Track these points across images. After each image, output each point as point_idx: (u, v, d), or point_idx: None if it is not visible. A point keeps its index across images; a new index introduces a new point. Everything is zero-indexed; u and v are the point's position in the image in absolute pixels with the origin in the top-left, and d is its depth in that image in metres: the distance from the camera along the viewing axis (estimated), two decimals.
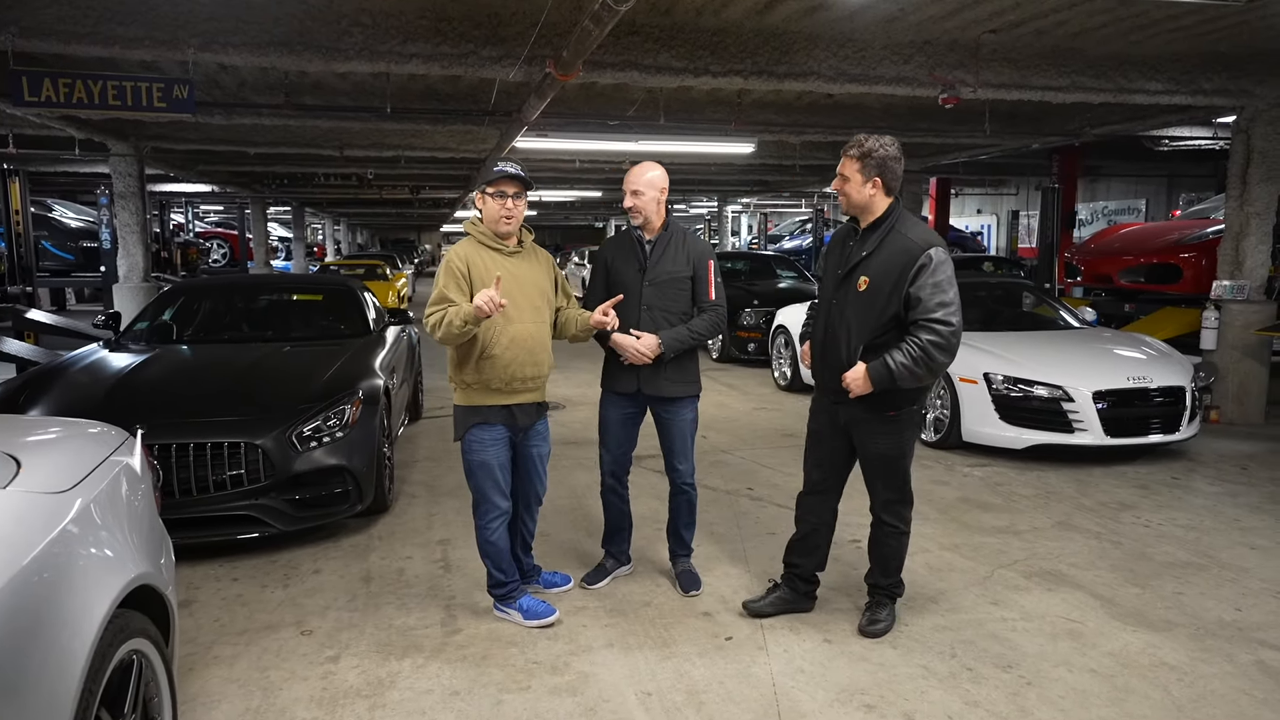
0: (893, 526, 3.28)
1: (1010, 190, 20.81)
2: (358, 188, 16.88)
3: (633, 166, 3.55)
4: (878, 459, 3.21)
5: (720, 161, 13.41)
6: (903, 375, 2.96)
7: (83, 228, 12.20)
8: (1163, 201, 18.28)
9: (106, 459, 2.18)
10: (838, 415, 3.26)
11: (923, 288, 2.97)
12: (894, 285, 3.02)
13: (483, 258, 3.27)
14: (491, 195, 3.26)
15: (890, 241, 3.07)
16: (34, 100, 5.39)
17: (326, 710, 2.79)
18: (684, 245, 3.56)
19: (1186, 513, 4.84)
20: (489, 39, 5.69)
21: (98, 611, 1.73)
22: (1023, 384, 5.83)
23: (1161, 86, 6.80)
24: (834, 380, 3.16)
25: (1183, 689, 2.93)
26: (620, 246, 3.61)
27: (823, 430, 3.36)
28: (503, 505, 3.36)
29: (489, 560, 3.41)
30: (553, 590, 3.70)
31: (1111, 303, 9.58)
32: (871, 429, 3.18)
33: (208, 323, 5.98)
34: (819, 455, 3.38)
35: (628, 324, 3.47)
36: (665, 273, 3.50)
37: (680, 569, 3.81)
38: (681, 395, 3.57)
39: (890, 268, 3.03)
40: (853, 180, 3.11)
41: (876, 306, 3.06)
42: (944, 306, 2.96)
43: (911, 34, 6.27)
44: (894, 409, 3.13)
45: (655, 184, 3.50)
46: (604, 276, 3.62)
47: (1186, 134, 10.37)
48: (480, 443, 3.30)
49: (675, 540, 3.83)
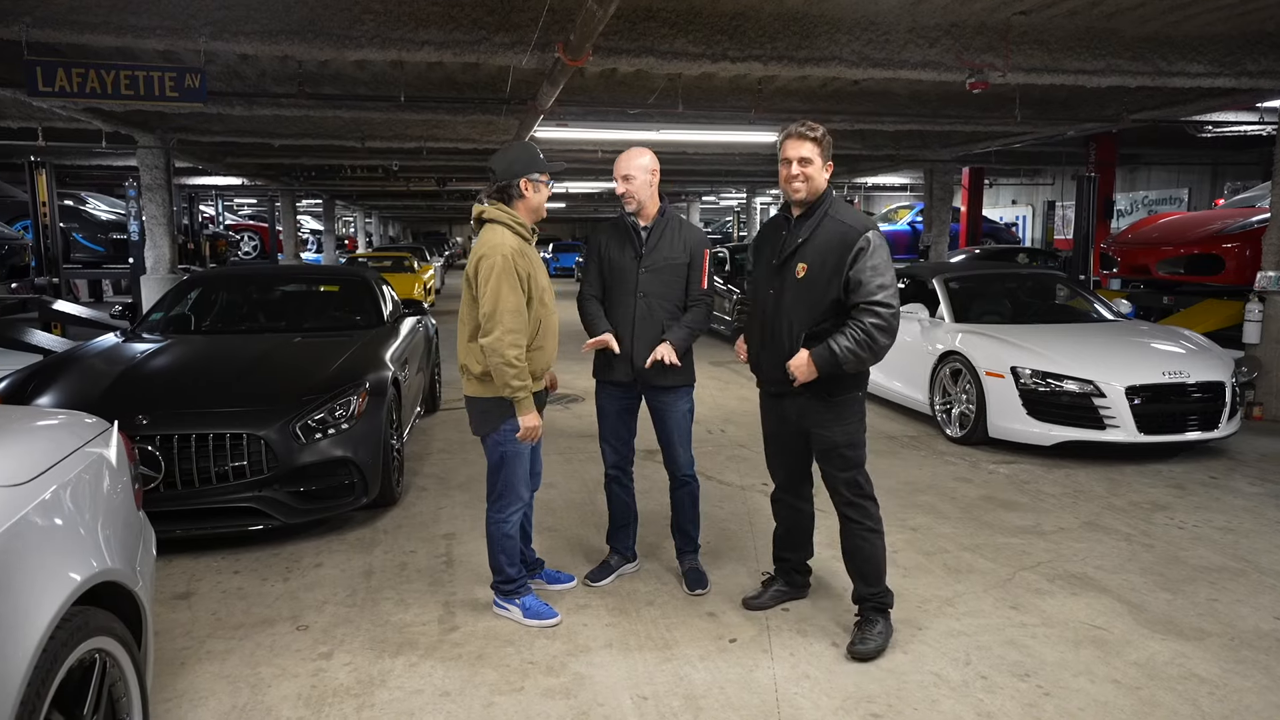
0: (859, 523, 3.15)
1: (1046, 180, 20.31)
2: (384, 180, 16.94)
3: (621, 154, 3.46)
4: (831, 451, 3.13)
5: (745, 151, 13.21)
6: (847, 359, 2.93)
7: (113, 220, 12.37)
8: (1206, 190, 17.69)
9: (77, 450, 2.12)
10: (785, 408, 3.21)
11: (862, 270, 2.95)
12: (833, 270, 3.00)
13: (528, 252, 3.18)
14: (548, 184, 3.23)
15: (825, 227, 3.05)
16: (48, 90, 5.41)
17: (313, 709, 2.72)
18: (680, 232, 3.49)
19: (1224, 514, 4.61)
20: (501, 25, 5.60)
21: (48, 608, 1.66)
22: (1052, 378, 5.61)
23: (1203, 69, 6.51)
24: (777, 370, 3.11)
25: (1214, 703, 2.76)
26: (615, 233, 3.53)
27: (775, 427, 3.33)
28: (526, 496, 3.35)
29: (504, 555, 3.32)
30: (555, 588, 3.60)
31: (1149, 295, 9.26)
32: (820, 418, 3.11)
33: (222, 313, 5.98)
34: (778, 453, 3.37)
35: (623, 309, 3.44)
36: (663, 259, 3.43)
37: (686, 566, 3.70)
38: (678, 384, 3.51)
39: (828, 253, 3.01)
40: (815, 163, 3.04)
41: (816, 292, 3.03)
42: (884, 289, 2.94)
43: (938, 16, 6.06)
44: (838, 395, 3.07)
45: (646, 168, 3.42)
46: (598, 264, 3.54)
47: (1231, 119, 9.98)
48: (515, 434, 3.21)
49: (681, 537, 3.72)
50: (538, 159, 3.20)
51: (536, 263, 3.21)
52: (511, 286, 3.04)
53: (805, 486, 3.39)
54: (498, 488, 3.28)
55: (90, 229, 12.14)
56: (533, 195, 3.19)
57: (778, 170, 3.14)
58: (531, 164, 3.18)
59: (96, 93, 5.46)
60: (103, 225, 12.34)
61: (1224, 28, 6.33)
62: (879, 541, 3.17)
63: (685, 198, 26.49)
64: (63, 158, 12.80)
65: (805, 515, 3.42)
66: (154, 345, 5.00)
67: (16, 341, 6.85)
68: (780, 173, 3.11)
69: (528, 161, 3.18)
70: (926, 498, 4.89)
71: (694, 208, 27.20)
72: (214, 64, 7.46)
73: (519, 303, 3.05)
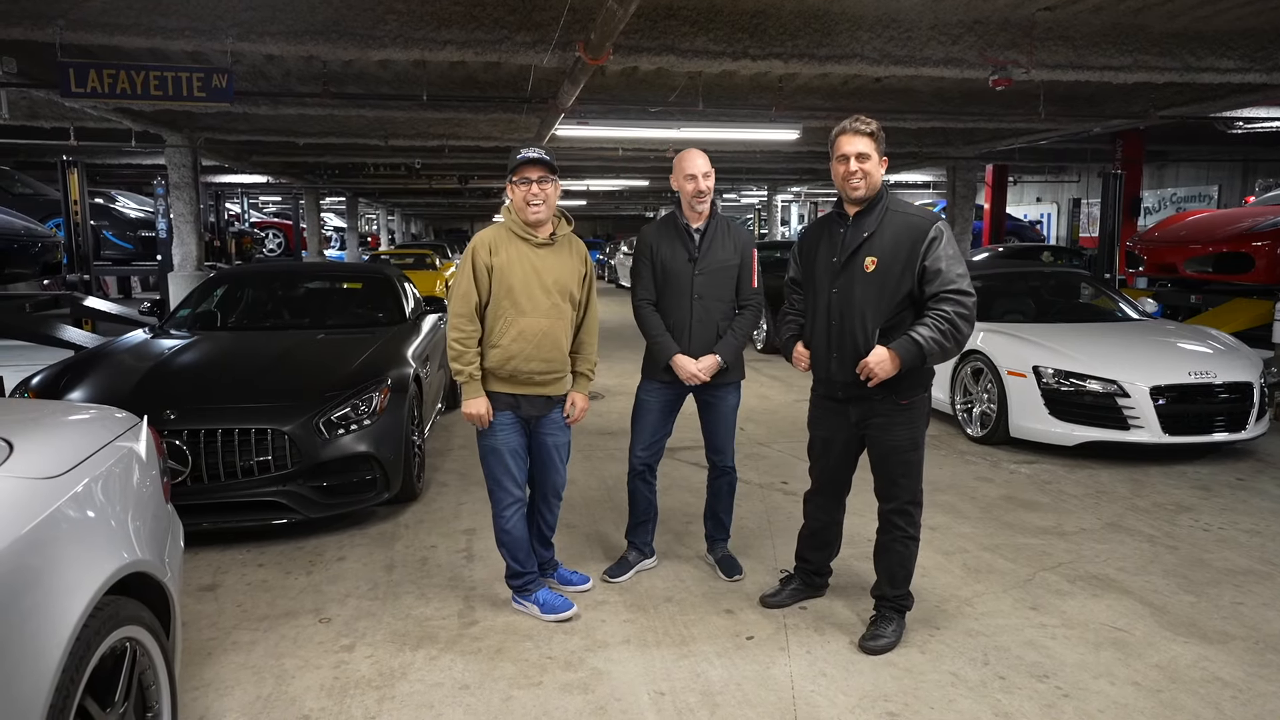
0: (903, 531, 3.12)
1: (1072, 178, 20.07)
2: (406, 178, 17.08)
3: (685, 153, 3.46)
4: (894, 454, 3.07)
5: (767, 149, 13.17)
6: (932, 349, 2.86)
7: (142, 218, 12.56)
8: (1237, 188, 17.39)
9: (108, 444, 2.17)
10: (848, 413, 3.13)
11: (939, 259, 2.90)
12: (905, 262, 2.93)
13: (511, 249, 3.20)
14: (515, 183, 3.19)
15: (890, 220, 2.99)
16: (80, 91, 5.52)
17: (336, 700, 2.76)
18: (730, 233, 3.52)
19: (1251, 516, 4.55)
20: (522, 24, 5.63)
21: (81, 598, 1.71)
22: (1074, 378, 5.56)
23: (1233, 64, 6.42)
24: (848, 373, 3.03)
25: (1237, 707, 2.73)
26: (665, 235, 3.52)
27: (831, 434, 3.23)
28: (516, 493, 3.30)
29: (505, 550, 3.36)
30: (569, 588, 3.60)
31: (1176, 294, 9.14)
32: (888, 421, 3.04)
33: (247, 310, 6.06)
34: (827, 460, 3.29)
35: (679, 313, 3.46)
36: (716, 261, 3.45)
37: (720, 554, 3.77)
38: (730, 380, 3.55)
39: (899, 245, 2.95)
40: (872, 158, 2.98)
41: (890, 286, 2.96)
42: (963, 277, 2.90)
43: (960, 13, 6.02)
44: (909, 396, 3.01)
45: (711, 170, 3.46)
46: (651, 266, 3.53)
47: (1263, 115, 9.81)
48: (488, 427, 3.25)
49: (714, 524, 3.79)
50: (513, 160, 3.25)
51: (518, 261, 3.16)
52: (463, 272, 3.20)
53: (844, 494, 3.35)
54: (488, 484, 3.34)
55: (119, 226, 12.34)
56: (512, 196, 3.24)
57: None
58: (510, 166, 3.25)
59: (127, 93, 5.57)
60: (131, 223, 12.54)
61: (1255, 22, 6.23)
62: (914, 548, 3.16)
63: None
64: (93, 157, 13.04)
65: (836, 522, 3.39)
66: (181, 341, 5.09)
67: (49, 337, 7.00)
68: (836, 170, 3.01)
69: (510, 164, 3.26)
70: (947, 497, 4.87)
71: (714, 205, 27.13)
72: (240, 64, 7.56)
73: (467, 288, 3.18)
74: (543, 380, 3.26)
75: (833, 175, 3.05)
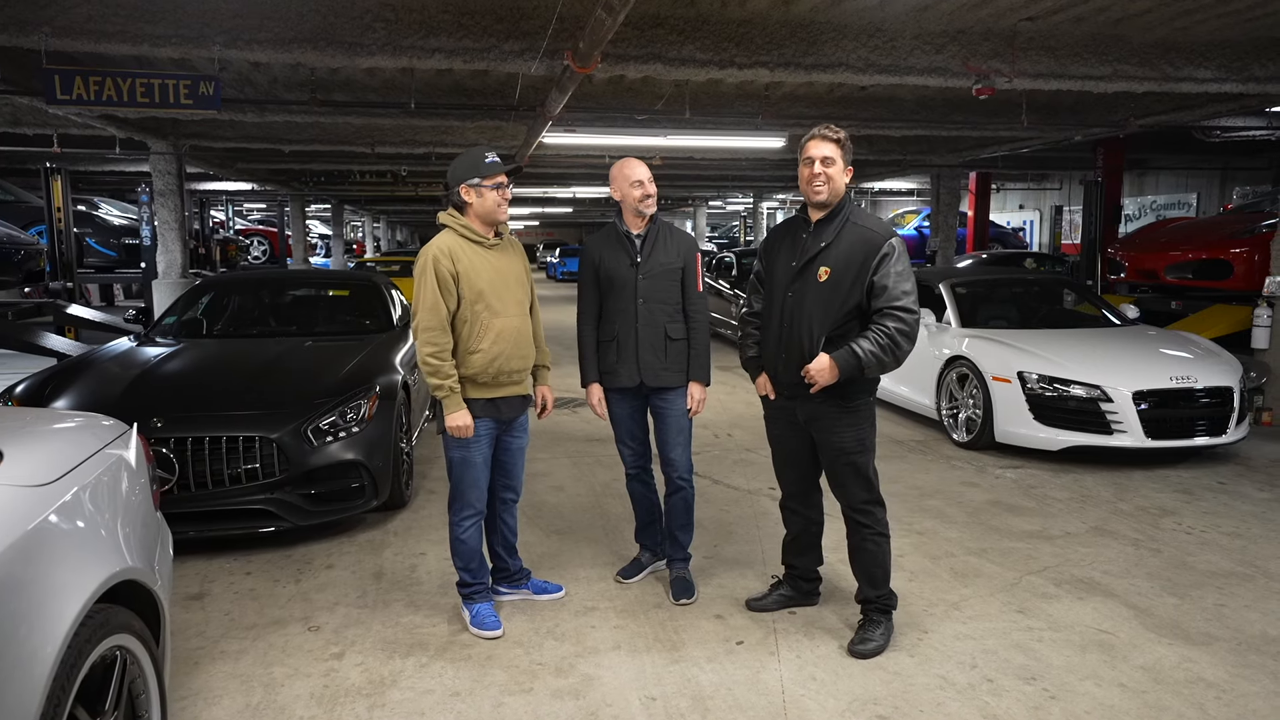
0: (869, 529, 3.17)
1: (1054, 185, 20.29)
2: (393, 185, 17.03)
3: (626, 161, 3.50)
4: (840, 456, 3.14)
5: (753, 156, 13.23)
6: (870, 362, 2.95)
7: (126, 225, 12.47)
8: (1215, 196, 17.64)
9: (98, 452, 2.16)
10: (795, 414, 3.22)
11: (886, 275, 2.97)
12: (856, 275, 3.01)
13: (470, 254, 3.20)
14: (491, 188, 3.19)
15: (849, 231, 3.07)
16: (66, 98, 5.48)
17: (326, 709, 2.75)
18: (672, 237, 3.57)
19: (1232, 519, 4.62)
20: (511, 32, 5.65)
21: (72, 606, 1.70)
22: (1059, 383, 5.62)
23: (1211, 74, 6.51)
24: (793, 374, 3.11)
25: (1220, 707, 2.77)
26: (607, 244, 3.57)
27: (784, 434, 3.33)
28: (478, 505, 3.33)
29: (459, 559, 3.35)
30: (544, 598, 3.59)
31: (1157, 299, 9.25)
32: (832, 423, 3.12)
33: (234, 317, 6.04)
34: (787, 460, 3.37)
35: (624, 317, 3.49)
36: (659, 265, 3.49)
37: (675, 574, 3.67)
38: (673, 385, 3.54)
39: (852, 257, 3.02)
40: (837, 164, 3.05)
41: (839, 296, 3.04)
42: (907, 295, 2.97)
43: (944, 23, 6.08)
44: (852, 400, 3.09)
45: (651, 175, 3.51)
46: (594, 274, 3.57)
47: (1240, 124, 9.96)
48: (463, 438, 3.24)
49: (671, 543, 3.70)
50: (477, 165, 3.20)
51: (479, 264, 3.19)
52: (427, 284, 3.14)
53: (815, 494, 3.41)
54: (451, 492, 3.34)
55: (103, 234, 12.25)
56: (476, 200, 3.20)
57: (797, 173, 3.15)
58: (470, 170, 3.20)
59: (113, 100, 5.54)
60: (115, 230, 12.45)
61: (1232, 33, 6.33)
62: (886, 545, 3.20)
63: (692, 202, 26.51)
64: (77, 164, 12.91)
65: (814, 523, 3.43)
66: (167, 349, 5.06)
67: (32, 345, 6.94)
68: (801, 174, 3.10)
69: (467, 169, 3.21)
70: (933, 502, 4.90)
71: (700, 212, 27.22)
72: (226, 71, 7.53)
73: (434, 300, 3.12)
74: (520, 377, 3.32)
75: (799, 178, 3.13)
